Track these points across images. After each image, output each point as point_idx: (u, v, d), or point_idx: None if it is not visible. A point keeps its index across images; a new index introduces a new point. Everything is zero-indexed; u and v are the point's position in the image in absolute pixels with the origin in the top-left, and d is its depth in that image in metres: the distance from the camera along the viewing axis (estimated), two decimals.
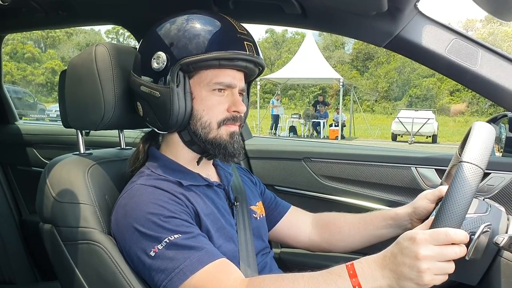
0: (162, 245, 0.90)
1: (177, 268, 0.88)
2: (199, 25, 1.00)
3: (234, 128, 1.06)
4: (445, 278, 0.79)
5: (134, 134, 1.22)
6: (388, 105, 31.22)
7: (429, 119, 16.46)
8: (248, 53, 1.02)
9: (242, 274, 0.94)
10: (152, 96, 1.01)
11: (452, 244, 0.79)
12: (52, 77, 33.09)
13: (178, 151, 1.08)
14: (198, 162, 1.10)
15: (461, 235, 0.79)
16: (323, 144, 2.04)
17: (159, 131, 1.07)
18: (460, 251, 0.79)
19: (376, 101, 32.85)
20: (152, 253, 0.90)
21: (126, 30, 1.72)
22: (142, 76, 1.03)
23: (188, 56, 0.97)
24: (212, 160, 1.16)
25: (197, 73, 1.01)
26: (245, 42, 1.02)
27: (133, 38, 1.69)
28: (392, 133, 17.15)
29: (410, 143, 15.16)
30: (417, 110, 19.43)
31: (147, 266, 0.91)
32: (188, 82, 1.01)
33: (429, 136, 16.94)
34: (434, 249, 0.77)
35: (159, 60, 0.99)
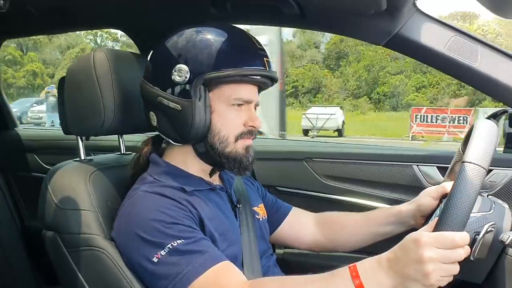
0: (165, 251, 0.90)
1: (180, 274, 0.88)
2: (221, 39, 1.00)
3: (249, 142, 1.07)
4: (451, 279, 0.79)
5: (134, 138, 1.22)
6: (356, 103, 31.25)
7: (331, 114, 17.74)
8: (268, 69, 1.03)
9: (244, 277, 0.93)
10: (171, 108, 0.99)
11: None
12: (33, 80, 32.75)
13: (188, 162, 1.07)
14: (210, 174, 1.10)
15: (467, 239, 0.79)
16: (324, 144, 2.04)
17: (174, 143, 1.06)
18: (465, 253, 0.79)
19: (344, 99, 32.88)
20: (155, 259, 0.90)
21: (105, 31, 1.71)
22: (157, 87, 1.01)
23: (212, 71, 0.97)
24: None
25: (216, 87, 1.00)
26: (264, 58, 1.03)
27: (111, 39, 1.68)
28: (303, 129, 18.22)
29: (312, 137, 16.01)
30: (326, 107, 20.84)
31: (149, 273, 0.91)
32: (208, 96, 1.00)
33: (335, 130, 18.36)
34: (438, 252, 0.77)
35: (181, 73, 0.98)
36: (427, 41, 1.20)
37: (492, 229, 0.86)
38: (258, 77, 1.03)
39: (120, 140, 1.35)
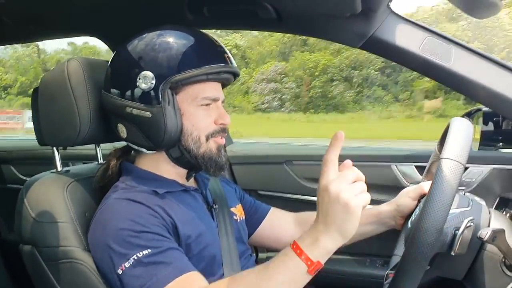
0: (129, 263, 0.88)
1: (143, 286, 0.86)
2: (181, 41, 1.00)
3: (222, 141, 1.07)
4: (368, 196, 0.79)
5: (111, 147, 1.20)
6: None
7: None
8: (230, 65, 1.04)
9: (208, 286, 0.90)
10: (141, 117, 0.99)
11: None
12: None
13: (161, 168, 1.07)
14: (187, 178, 1.10)
15: (362, 176, 0.80)
16: (304, 147, 2.05)
17: (147, 151, 1.05)
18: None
19: None
20: (120, 271, 0.89)
21: None
22: (123, 97, 1.00)
23: (177, 74, 0.96)
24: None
25: (182, 89, 1.00)
26: (225, 55, 1.04)
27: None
28: None
29: None
30: None
31: (117, 284, 0.90)
32: (176, 99, 1.00)
33: None
34: (343, 181, 0.77)
35: (146, 80, 0.97)
36: (402, 42, 1.21)
37: (471, 224, 0.88)
38: (222, 74, 1.04)
39: (97, 149, 1.33)
